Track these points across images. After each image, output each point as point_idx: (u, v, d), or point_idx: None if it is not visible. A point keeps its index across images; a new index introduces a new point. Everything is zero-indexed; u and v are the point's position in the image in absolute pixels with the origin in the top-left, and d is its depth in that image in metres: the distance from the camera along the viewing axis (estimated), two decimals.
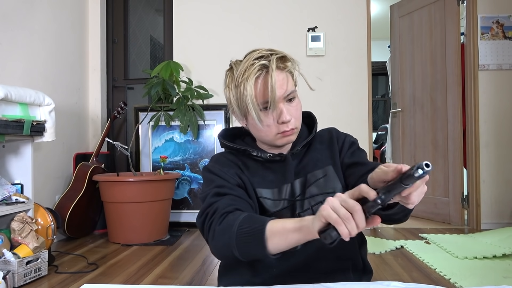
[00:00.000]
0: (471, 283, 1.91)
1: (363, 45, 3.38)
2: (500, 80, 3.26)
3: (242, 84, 0.87)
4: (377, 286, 0.75)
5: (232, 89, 0.91)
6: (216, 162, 0.98)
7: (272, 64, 0.85)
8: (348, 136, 1.05)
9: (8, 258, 1.87)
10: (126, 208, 2.73)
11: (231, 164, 0.96)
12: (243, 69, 0.87)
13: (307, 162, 0.98)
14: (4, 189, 2.09)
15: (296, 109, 0.91)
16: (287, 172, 0.96)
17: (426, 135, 3.60)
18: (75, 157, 3.15)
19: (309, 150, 1.01)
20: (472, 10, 3.28)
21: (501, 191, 3.25)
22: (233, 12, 3.47)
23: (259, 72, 0.86)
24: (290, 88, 0.88)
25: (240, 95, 0.88)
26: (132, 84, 3.69)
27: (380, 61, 5.83)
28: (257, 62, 0.86)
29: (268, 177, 0.95)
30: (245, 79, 0.86)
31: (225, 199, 0.85)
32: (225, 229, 0.77)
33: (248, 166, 0.97)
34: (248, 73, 0.86)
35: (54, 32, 2.96)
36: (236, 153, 0.99)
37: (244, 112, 0.90)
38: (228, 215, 0.80)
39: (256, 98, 0.86)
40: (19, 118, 2.02)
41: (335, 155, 1.00)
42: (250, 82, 0.86)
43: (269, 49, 0.90)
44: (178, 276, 2.08)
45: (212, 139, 3.31)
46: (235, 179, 0.92)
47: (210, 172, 0.94)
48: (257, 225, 0.74)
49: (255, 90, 0.86)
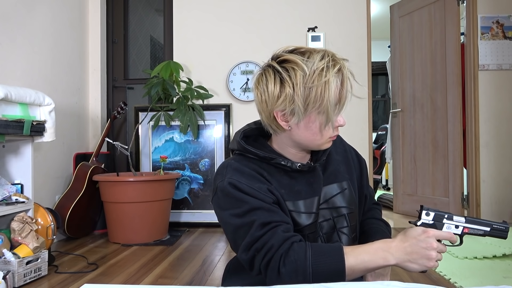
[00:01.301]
0: (471, 283, 1.91)
1: (363, 45, 3.38)
2: (500, 80, 3.26)
3: (324, 84, 0.81)
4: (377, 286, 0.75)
5: (301, 88, 0.81)
6: (240, 174, 0.86)
7: (345, 66, 0.84)
8: (358, 153, 1.08)
9: (8, 258, 1.87)
10: (126, 208, 2.73)
11: (258, 177, 0.87)
12: (320, 68, 0.81)
13: (331, 172, 0.97)
14: (4, 189, 2.09)
15: None
16: (315, 183, 0.93)
17: (426, 135, 3.60)
18: (75, 157, 3.15)
19: (329, 159, 0.99)
20: (472, 10, 3.28)
21: (501, 191, 3.25)
22: (233, 12, 3.47)
23: (338, 74, 0.83)
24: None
25: (316, 96, 0.81)
26: (132, 84, 3.69)
27: (380, 61, 5.82)
28: (332, 66, 0.83)
29: (294, 188, 0.91)
30: (327, 80, 0.81)
31: (276, 232, 0.79)
32: (296, 271, 0.75)
33: (272, 175, 0.90)
34: (329, 74, 0.81)
35: (54, 32, 2.96)
36: (255, 160, 0.91)
37: (309, 113, 0.83)
38: (289, 253, 0.77)
39: (337, 99, 0.83)
40: (19, 118, 2.02)
41: (352, 172, 1.01)
42: (334, 83, 0.82)
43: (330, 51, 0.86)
44: (178, 276, 2.08)
45: (212, 139, 3.31)
46: (269, 197, 0.84)
47: (238, 190, 0.83)
48: (334, 265, 0.76)
49: (338, 93, 0.83)
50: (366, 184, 1.06)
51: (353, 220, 0.96)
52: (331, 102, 0.82)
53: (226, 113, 3.32)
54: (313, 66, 0.81)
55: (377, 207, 1.11)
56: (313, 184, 0.92)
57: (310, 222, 0.90)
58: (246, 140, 0.94)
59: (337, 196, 0.95)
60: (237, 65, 3.42)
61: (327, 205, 0.93)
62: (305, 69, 0.81)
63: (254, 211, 0.81)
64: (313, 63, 0.82)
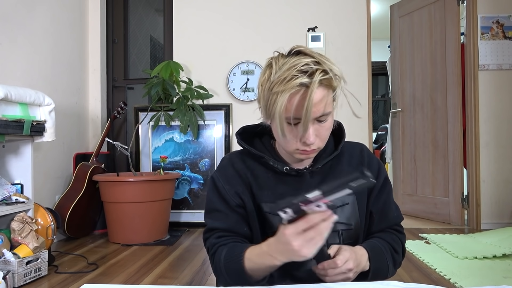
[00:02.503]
0: (471, 283, 1.91)
1: (363, 45, 3.38)
2: (500, 80, 3.26)
3: (275, 94, 0.79)
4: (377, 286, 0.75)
5: (265, 90, 0.82)
6: (223, 173, 0.94)
7: (315, 84, 0.76)
8: (381, 168, 0.98)
9: (8, 258, 1.87)
10: (126, 208, 2.73)
11: (236, 178, 0.92)
12: (282, 78, 0.78)
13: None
14: (4, 189, 2.09)
15: (326, 130, 0.84)
16: (301, 190, 0.88)
17: (426, 135, 3.60)
18: (75, 157, 3.15)
19: (335, 169, 0.94)
20: (472, 10, 3.28)
21: (501, 191, 3.25)
22: (233, 12, 3.47)
23: (296, 89, 0.77)
24: (326, 109, 0.81)
25: (271, 102, 0.81)
26: (132, 84, 3.69)
27: (380, 61, 5.82)
28: (299, 77, 0.77)
29: (279, 191, 0.90)
30: (279, 91, 0.78)
31: (211, 237, 0.92)
32: (219, 270, 0.87)
33: (257, 176, 0.93)
34: (284, 87, 0.77)
35: (54, 32, 2.96)
36: (250, 157, 0.95)
37: (270, 117, 0.84)
38: (214, 256, 0.89)
39: (285, 113, 0.79)
40: (19, 118, 2.02)
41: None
42: (283, 97, 0.78)
43: (318, 59, 0.80)
44: (178, 276, 2.08)
45: (212, 139, 3.31)
46: (234, 200, 0.91)
47: (214, 186, 0.94)
48: (237, 268, 0.83)
49: (288, 106, 0.78)
50: (379, 201, 0.96)
51: (349, 237, 0.92)
52: (281, 114, 0.79)
53: (226, 113, 3.32)
54: (280, 74, 0.79)
55: (395, 233, 0.98)
56: (298, 190, 0.87)
57: None
58: (249, 135, 0.96)
59: (335, 210, 0.89)
60: (237, 65, 3.42)
61: None
62: (272, 72, 0.81)
63: (213, 213, 0.93)
64: (282, 70, 0.79)
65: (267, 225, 0.91)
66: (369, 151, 1.00)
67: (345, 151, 0.97)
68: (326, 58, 0.82)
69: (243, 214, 0.92)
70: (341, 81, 0.84)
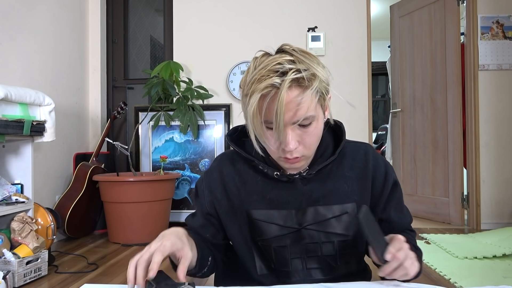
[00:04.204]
0: (471, 283, 1.91)
1: (363, 45, 3.38)
2: (500, 80, 3.26)
3: (247, 96, 0.74)
4: (377, 286, 0.75)
5: (242, 92, 0.78)
6: (208, 176, 0.93)
7: (285, 83, 0.70)
8: (389, 172, 0.90)
9: (8, 258, 1.87)
10: (126, 208, 2.73)
11: (219, 185, 0.90)
12: (254, 79, 0.73)
13: (330, 191, 0.85)
14: (4, 189, 2.09)
15: (310, 136, 0.76)
16: (291, 196, 0.85)
17: (426, 135, 3.60)
18: (75, 157, 3.15)
19: (335, 174, 0.87)
20: (472, 10, 3.28)
21: (501, 191, 3.25)
22: (233, 12, 3.47)
23: (267, 90, 0.71)
24: (304, 112, 0.72)
25: (244, 105, 0.77)
26: (132, 84, 3.69)
27: (380, 61, 5.83)
28: (270, 77, 0.71)
29: (268, 197, 0.86)
30: (250, 93, 0.73)
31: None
32: None
33: (246, 181, 0.88)
34: (254, 87, 0.72)
35: (54, 32, 2.96)
36: (240, 158, 0.90)
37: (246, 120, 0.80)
38: None
39: (259, 117, 0.74)
40: (19, 118, 2.02)
41: (364, 194, 0.87)
42: (254, 99, 0.72)
43: (296, 57, 0.73)
44: None
45: (212, 139, 3.31)
46: (207, 208, 0.91)
47: (198, 187, 0.94)
48: None
49: (259, 109, 0.73)
50: (389, 208, 0.90)
51: (345, 247, 0.87)
52: (251, 118, 0.74)
53: (226, 113, 3.32)
54: (253, 75, 0.74)
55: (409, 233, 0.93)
56: (288, 196, 0.85)
57: (278, 234, 0.85)
58: (241, 136, 0.91)
59: (332, 220, 0.85)
60: (237, 65, 3.42)
61: (317, 227, 0.85)
62: (248, 73, 0.76)
63: (195, 208, 0.95)
64: (256, 70, 0.74)
65: (256, 231, 0.87)
66: (375, 153, 0.91)
67: (347, 153, 0.89)
68: (309, 58, 0.75)
69: (211, 221, 0.92)
70: (323, 82, 0.75)
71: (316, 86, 0.73)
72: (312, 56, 0.76)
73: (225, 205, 0.90)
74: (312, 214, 0.85)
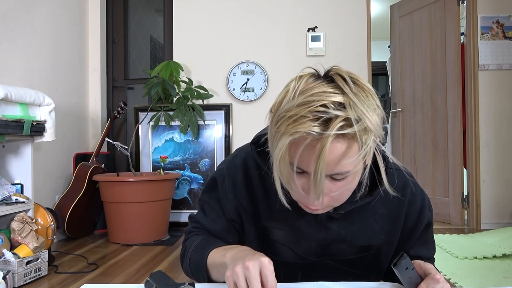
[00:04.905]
0: (471, 283, 1.91)
1: (363, 45, 3.38)
2: (500, 80, 3.26)
3: (278, 133, 0.60)
4: (377, 286, 0.75)
5: (273, 119, 0.63)
6: (233, 175, 0.81)
7: (327, 139, 0.55)
8: (424, 211, 0.79)
9: (8, 258, 1.87)
10: (126, 208, 2.73)
11: (244, 189, 0.79)
12: (288, 114, 0.58)
13: (359, 229, 0.77)
14: (4, 189, 2.09)
15: (342, 189, 0.63)
16: (314, 228, 0.76)
17: (426, 135, 3.60)
18: (75, 157, 3.15)
19: (366, 208, 0.76)
20: (472, 10, 3.28)
21: (501, 191, 3.25)
22: (233, 12, 3.47)
23: (301, 135, 0.57)
24: (344, 167, 0.59)
25: (272, 140, 0.63)
26: (132, 84, 3.69)
27: (380, 61, 5.82)
28: (308, 122, 0.56)
29: (290, 221, 0.77)
30: (281, 131, 0.59)
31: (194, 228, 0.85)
32: (184, 255, 0.81)
33: (270, 193, 0.77)
34: (287, 128, 0.58)
35: (54, 32, 2.96)
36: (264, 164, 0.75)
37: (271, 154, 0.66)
38: (186, 241, 0.84)
39: (288, 157, 0.60)
40: (19, 118, 2.02)
41: (394, 232, 0.79)
42: (284, 142, 0.58)
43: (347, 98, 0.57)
44: (178, 276, 2.08)
45: (212, 139, 3.31)
46: (231, 215, 0.81)
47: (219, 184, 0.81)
48: (201, 256, 0.75)
49: (289, 153, 0.60)
50: (418, 246, 0.82)
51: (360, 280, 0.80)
52: (278, 159, 0.60)
53: (226, 113, 3.32)
54: (290, 103, 0.59)
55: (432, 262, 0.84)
56: (312, 227, 0.76)
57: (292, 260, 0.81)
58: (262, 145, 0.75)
59: (354, 259, 0.79)
60: (237, 65, 3.42)
61: (336, 262, 0.80)
62: (285, 99, 0.61)
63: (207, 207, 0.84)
64: (294, 101, 0.59)
65: (270, 249, 0.79)
66: (414, 187, 0.79)
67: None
68: (364, 98, 0.58)
69: (235, 227, 0.82)
70: (377, 137, 0.60)
71: (368, 144, 0.58)
72: (368, 92, 0.60)
73: (250, 211, 0.80)
74: (334, 250, 0.79)
